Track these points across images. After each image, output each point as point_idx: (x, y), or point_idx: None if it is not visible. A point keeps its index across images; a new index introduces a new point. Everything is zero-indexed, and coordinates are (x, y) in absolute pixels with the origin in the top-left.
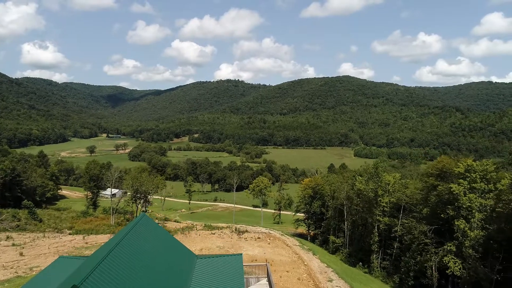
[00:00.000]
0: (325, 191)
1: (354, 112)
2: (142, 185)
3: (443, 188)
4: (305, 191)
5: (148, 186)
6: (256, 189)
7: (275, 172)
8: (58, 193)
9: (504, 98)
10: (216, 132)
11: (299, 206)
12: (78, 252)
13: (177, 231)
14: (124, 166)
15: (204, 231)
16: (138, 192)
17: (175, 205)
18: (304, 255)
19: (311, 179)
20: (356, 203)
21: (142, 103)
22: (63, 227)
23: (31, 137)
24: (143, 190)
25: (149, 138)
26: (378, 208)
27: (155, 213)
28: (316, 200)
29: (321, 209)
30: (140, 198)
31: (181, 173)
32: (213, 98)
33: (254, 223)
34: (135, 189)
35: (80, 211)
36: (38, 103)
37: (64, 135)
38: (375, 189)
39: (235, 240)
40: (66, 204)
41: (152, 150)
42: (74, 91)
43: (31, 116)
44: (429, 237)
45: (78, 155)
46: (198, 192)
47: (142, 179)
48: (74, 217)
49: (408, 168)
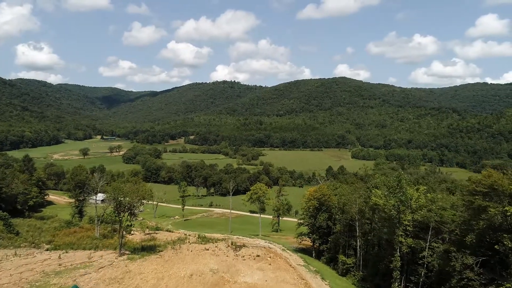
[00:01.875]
0: (332, 202)
1: (350, 114)
2: (125, 196)
3: (495, 211)
4: (310, 202)
5: (133, 197)
6: (254, 196)
7: (272, 175)
8: (45, 199)
9: (500, 99)
10: (212, 133)
11: (303, 219)
12: (43, 283)
13: (167, 245)
14: (117, 169)
15: (197, 245)
16: (121, 205)
17: (168, 211)
18: (312, 280)
19: (316, 189)
20: (371, 219)
21: (137, 105)
22: (41, 241)
23: (23, 139)
24: (126, 202)
25: (144, 140)
26: (400, 227)
27: (146, 221)
28: (322, 213)
29: (327, 222)
30: (124, 210)
31: (176, 176)
32: (209, 100)
33: (251, 231)
34: (118, 201)
35: (65, 220)
36: (32, 104)
37: (58, 137)
38: (397, 206)
39: (231, 259)
40: (52, 211)
41: (146, 152)
42: (68, 92)
43: (24, 117)
44: (476, 272)
45: (71, 158)
46: (193, 197)
47: (125, 189)
48: (57, 227)
49: (409, 170)
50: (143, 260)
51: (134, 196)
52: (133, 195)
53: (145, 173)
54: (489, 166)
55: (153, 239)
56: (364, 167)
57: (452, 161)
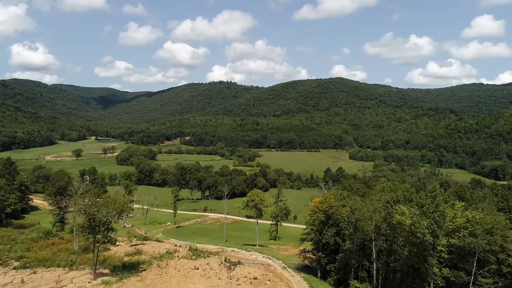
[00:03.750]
0: (341, 216)
1: (347, 114)
2: (98, 210)
3: None
4: (315, 215)
5: (109, 211)
6: (250, 204)
7: (270, 177)
8: (29, 204)
9: (496, 100)
10: (208, 134)
11: (307, 233)
12: None
13: (153, 261)
14: (109, 171)
15: (187, 262)
16: (94, 220)
17: (160, 217)
18: None
19: (322, 200)
20: (391, 240)
21: (133, 105)
22: (10, 257)
23: (15, 140)
24: (100, 217)
25: (139, 141)
26: (434, 254)
27: (135, 228)
28: (329, 227)
29: (335, 238)
30: (99, 226)
31: (170, 178)
32: (205, 100)
33: (248, 239)
34: (91, 215)
35: (45, 229)
36: (25, 105)
37: (51, 138)
38: (432, 228)
39: (224, 283)
40: (36, 218)
41: (141, 153)
42: (63, 93)
43: (17, 118)
44: None
45: (64, 159)
46: (187, 200)
47: (98, 202)
48: (34, 238)
49: (409, 172)
50: (120, 285)
51: (110, 209)
52: (109, 208)
53: (138, 175)
54: (489, 167)
55: (138, 252)
56: (363, 168)
57: (451, 162)
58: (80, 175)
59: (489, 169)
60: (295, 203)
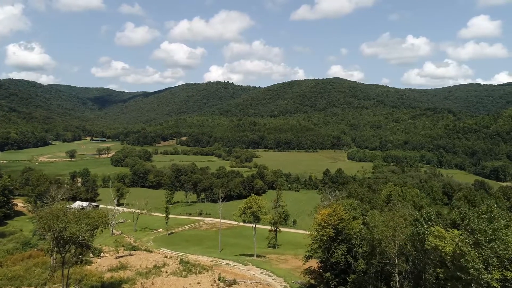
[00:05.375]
0: (353, 230)
1: (345, 114)
2: (65, 229)
3: None
4: (323, 230)
5: (80, 229)
6: (247, 211)
7: (267, 178)
8: (13, 208)
9: (493, 100)
10: (205, 135)
11: (313, 251)
12: None
13: (137, 279)
14: (103, 173)
15: (176, 279)
16: (62, 238)
17: (152, 222)
18: None
19: (330, 212)
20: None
21: (129, 105)
22: None
23: (8, 141)
24: (68, 235)
25: (135, 141)
26: None
27: (124, 235)
28: (339, 244)
29: (346, 257)
30: (69, 244)
31: (165, 180)
32: (202, 100)
33: (245, 247)
34: (58, 233)
35: (25, 238)
36: (20, 105)
37: (45, 139)
38: (487, 260)
39: None
40: (18, 225)
41: (136, 154)
42: (59, 93)
43: (11, 118)
44: None
45: (57, 160)
46: (182, 204)
47: (66, 218)
48: (10, 250)
49: (410, 173)
50: None
51: (81, 226)
52: (80, 225)
53: (132, 177)
54: (490, 167)
55: (123, 267)
56: (362, 169)
57: (451, 163)
58: (70, 177)
59: (489, 170)
60: (294, 206)
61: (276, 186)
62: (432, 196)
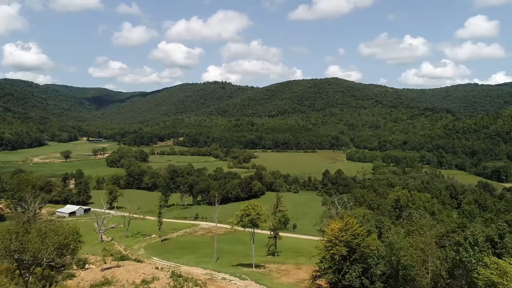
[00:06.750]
0: (369, 247)
1: (343, 114)
2: (25, 249)
3: None
4: (335, 248)
5: (45, 249)
6: (245, 219)
7: (266, 180)
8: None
9: (491, 100)
10: (203, 135)
11: (323, 272)
12: None
13: None
14: (97, 174)
15: None
16: (23, 262)
17: (145, 227)
18: None
19: (342, 226)
20: None
21: (127, 106)
22: None
23: (3, 141)
24: (29, 258)
25: (131, 142)
26: None
27: (114, 242)
28: (353, 264)
29: (361, 279)
30: (32, 266)
31: (160, 182)
32: (200, 100)
33: (243, 255)
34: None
35: None
36: (15, 105)
37: (40, 139)
38: None
39: None
40: None
41: (132, 155)
42: (55, 93)
43: (6, 118)
44: None
45: (52, 161)
46: (177, 206)
47: (25, 238)
48: None
49: (411, 174)
50: None
51: (46, 246)
52: (45, 246)
53: (127, 178)
54: (491, 168)
55: (107, 282)
56: (362, 170)
57: (451, 163)
58: (62, 179)
59: (491, 170)
60: (294, 209)
61: (274, 188)
62: (441, 199)
